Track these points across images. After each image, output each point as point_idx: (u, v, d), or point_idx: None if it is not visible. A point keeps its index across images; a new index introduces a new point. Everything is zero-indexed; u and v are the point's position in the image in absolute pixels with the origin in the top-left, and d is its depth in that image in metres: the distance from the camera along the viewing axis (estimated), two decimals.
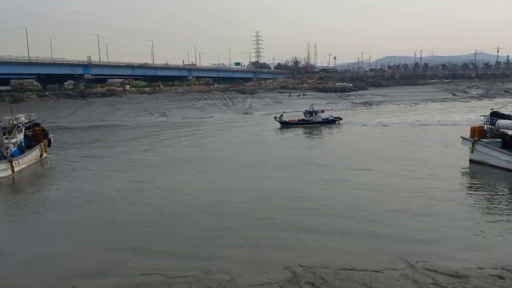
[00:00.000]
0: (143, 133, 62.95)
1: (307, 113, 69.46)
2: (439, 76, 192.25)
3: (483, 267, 17.28)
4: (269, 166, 38.18)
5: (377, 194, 27.68)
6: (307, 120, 68.43)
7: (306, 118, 68.79)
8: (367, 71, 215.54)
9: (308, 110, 70.08)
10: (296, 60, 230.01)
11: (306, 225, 22.59)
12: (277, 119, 68.05)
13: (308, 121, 68.11)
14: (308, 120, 68.43)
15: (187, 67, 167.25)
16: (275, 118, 68.44)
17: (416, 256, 18.31)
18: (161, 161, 41.35)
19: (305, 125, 67.00)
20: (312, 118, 68.36)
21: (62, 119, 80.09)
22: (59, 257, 19.49)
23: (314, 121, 67.96)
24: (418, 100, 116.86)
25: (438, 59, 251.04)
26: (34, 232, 23.17)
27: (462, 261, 17.86)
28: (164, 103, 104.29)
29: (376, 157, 40.35)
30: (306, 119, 68.77)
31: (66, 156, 45.17)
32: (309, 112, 69.53)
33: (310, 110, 69.85)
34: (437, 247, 19.37)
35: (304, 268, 17.54)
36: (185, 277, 17.10)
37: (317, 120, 68.31)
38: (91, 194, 29.79)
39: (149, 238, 21.46)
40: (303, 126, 66.43)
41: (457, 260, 17.92)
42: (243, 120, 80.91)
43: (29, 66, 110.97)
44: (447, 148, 44.36)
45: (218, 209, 25.63)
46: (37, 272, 17.99)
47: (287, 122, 68.07)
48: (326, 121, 68.65)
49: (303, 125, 67.11)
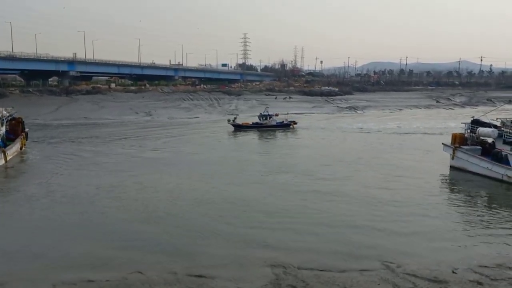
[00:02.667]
0: (127, 132, 62.39)
1: (262, 116, 68.83)
2: (424, 83, 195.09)
3: (461, 272, 17.58)
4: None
5: (353, 200, 27.75)
6: (261, 123, 67.78)
7: (260, 122, 68.17)
8: (353, 76, 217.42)
9: (263, 114, 69.47)
10: (283, 63, 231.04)
11: (286, 228, 22.65)
12: (230, 122, 66.94)
13: (262, 125, 67.43)
14: (262, 123, 67.78)
15: (173, 67, 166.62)
16: (228, 121, 67.39)
17: (395, 261, 18.54)
18: (137, 160, 41.10)
19: (258, 129, 66.30)
20: (266, 122, 67.75)
21: (45, 115, 78.93)
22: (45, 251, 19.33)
23: (268, 124, 67.34)
24: (403, 106, 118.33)
25: (423, 66, 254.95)
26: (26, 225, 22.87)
27: (441, 266, 18.12)
28: (149, 103, 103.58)
29: (348, 162, 40.72)
30: (260, 122, 68.12)
31: (45, 149, 44.95)
32: (263, 115, 68.87)
33: (264, 114, 69.22)
34: (417, 252, 19.64)
35: (285, 270, 17.61)
36: (164, 277, 17.06)
37: (271, 123, 67.59)
38: (73, 189, 29.64)
39: (127, 234, 21.37)
40: (257, 130, 65.74)
41: (436, 265, 18.18)
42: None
43: (13, 61, 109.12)
44: (427, 154, 44.88)
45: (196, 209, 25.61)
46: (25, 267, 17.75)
47: (240, 125, 67.03)
48: (280, 125, 67.95)
49: (256, 129, 66.37)
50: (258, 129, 65.88)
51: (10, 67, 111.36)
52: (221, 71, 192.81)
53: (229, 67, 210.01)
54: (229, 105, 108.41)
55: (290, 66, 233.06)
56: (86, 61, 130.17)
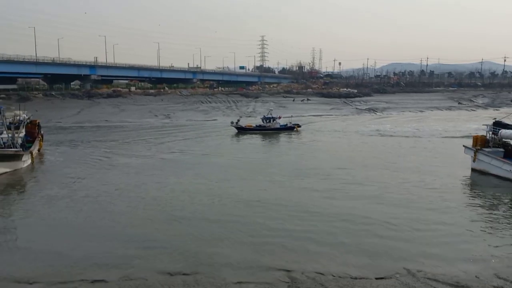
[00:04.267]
0: (146, 134, 63.15)
1: (265, 119, 68.25)
2: (445, 84, 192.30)
3: (484, 277, 17.26)
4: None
5: (372, 204, 27.43)
6: (264, 126, 67.27)
7: (264, 124, 67.66)
8: (372, 77, 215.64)
9: (266, 116, 68.89)
10: (301, 65, 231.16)
11: (304, 231, 22.57)
12: (233, 125, 66.56)
13: (265, 128, 66.87)
14: (265, 126, 67.22)
15: (192, 70, 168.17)
16: (232, 123, 67.11)
17: (416, 265, 18.30)
18: (156, 162, 41.58)
19: (262, 131, 65.78)
20: (269, 124, 67.19)
21: (67, 118, 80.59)
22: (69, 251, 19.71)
23: (271, 127, 66.79)
24: (424, 108, 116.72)
25: (444, 67, 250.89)
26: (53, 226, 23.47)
27: (463, 271, 17.82)
28: (168, 105, 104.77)
29: (364, 165, 40.35)
30: (263, 125, 67.60)
31: (66, 151, 45.75)
32: (267, 118, 68.27)
33: (268, 116, 68.64)
34: (437, 257, 19.32)
35: (304, 274, 17.56)
36: (185, 277, 17.24)
37: (275, 126, 67.07)
38: (94, 189, 30.25)
39: (147, 236, 21.67)
40: (260, 132, 65.25)
41: (458, 270, 17.88)
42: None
43: (36, 65, 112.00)
44: (448, 157, 44.13)
45: (214, 212, 25.82)
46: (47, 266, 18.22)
47: (244, 127, 66.62)
48: (284, 127, 67.31)
49: (260, 131, 65.85)
50: (262, 132, 65.53)
51: (34, 71, 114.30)
52: (239, 73, 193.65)
53: (247, 70, 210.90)
54: (246, 108, 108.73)
55: (308, 68, 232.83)
56: (107, 65, 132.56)
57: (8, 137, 39.41)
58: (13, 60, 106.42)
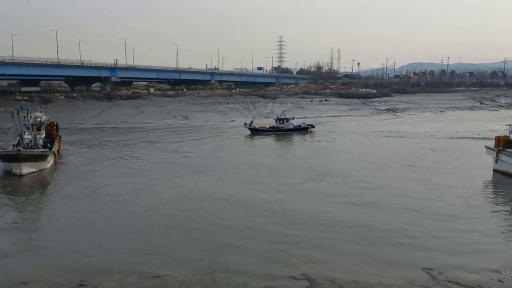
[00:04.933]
0: (164, 135, 63.74)
1: (279, 120, 67.87)
2: (467, 84, 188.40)
3: (508, 281, 16.88)
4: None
5: (393, 206, 27.10)
6: (278, 127, 66.87)
7: (277, 125, 67.24)
8: (392, 77, 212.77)
9: (280, 117, 68.62)
10: (319, 65, 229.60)
11: (324, 234, 22.46)
12: (247, 126, 66.29)
13: (279, 128, 66.48)
14: (279, 127, 66.82)
15: (210, 71, 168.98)
16: (245, 125, 66.87)
17: (437, 268, 18.02)
18: (174, 163, 41.96)
19: (275, 132, 65.35)
20: (283, 125, 66.78)
21: (88, 120, 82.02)
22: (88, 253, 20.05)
23: (285, 128, 66.37)
24: (444, 108, 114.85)
25: (466, 67, 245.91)
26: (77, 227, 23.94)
27: (486, 274, 17.48)
28: (187, 107, 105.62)
29: (383, 166, 39.82)
30: (277, 126, 67.22)
31: (86, 152, 46.60)
32: (280, 119, 67.94)
33: (281, 117, 68.35)
34: (459, 260, 18.98)
35: (323, 277, 17.44)
36: (203, 277, 17.34)
37: (288, 127, 66.63)
38: (114, 189, 30.76)
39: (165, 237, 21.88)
40: (274, 134, 64.87)
41: (481, 273, 17.53)
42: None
43: (58, 68, 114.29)
44: (470, 158, 43.37)
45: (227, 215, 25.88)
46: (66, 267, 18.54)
47: (257, 129, 66.36)
48: (297, 128, 66.90)
49: (273, 132, 65.45)
50: (275, 133, 65.15)
51: (56, 74, 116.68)
52: (257, 74, 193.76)
53: (265, 71, 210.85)
54: (264, 108, 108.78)
55: (326, 69, 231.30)
56: (126, 67, 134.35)
57: (32, 138, 40.46)
58: (36, 63, 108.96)
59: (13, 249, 20.91)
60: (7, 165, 36.87)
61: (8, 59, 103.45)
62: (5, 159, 36.97)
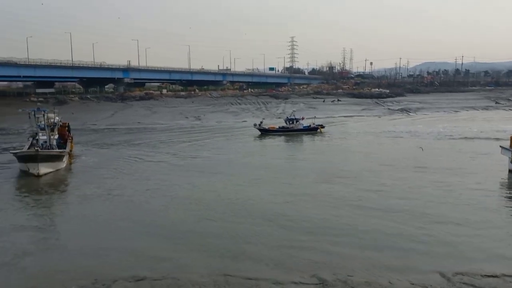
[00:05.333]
0: (177, 136, 64.08)
1: (288, 120, 67.42)
2: (481, 83, 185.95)
3: None
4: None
5: (408, 208, 26.81)
6: (287, 127, 66.40)
7: (287, 126, 66.78)
8: (405, 77, 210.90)
9: (289, 117, 68.11)
10: (331, 65, 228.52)
11: (336, 234, 22.42)
12: (256, 126, 65.97)
13: (289, 129, 65.99)
14: (288, 127, 66.34)
15: (222, 72, 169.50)
16: (255, 125, 66.59)
17: (452, 269, 17.84)
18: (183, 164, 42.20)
19: (285, 133, 64.97)
20: (292, 126, 66.28)
21: (102, 121, 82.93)
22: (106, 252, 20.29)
23: (294, 128, 65.91)
24: (459, 108, 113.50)
25: (481, 66, 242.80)
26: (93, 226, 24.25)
27: (503, 276, 17.24)
28: (199, 107, 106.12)
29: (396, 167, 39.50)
30: (286, 126, 66.76)
31: (99, 153, 47.12)
32: (290, 119, 67.45)
33: (291, 117, 67.85)
34: (476, 261, 18.78)
35: (334, 277, 17.39)
36: (216, 278, 17.42)
37: (298, 127, 66.05)
38: (129, 189, 31.23)
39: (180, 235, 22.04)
40: (284, 134, 64.49)
41: (496, 277, 17.28)
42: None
43: (73, 69, 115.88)
44: (484, 158, 42.78)
45: (244, 212, 25.93)
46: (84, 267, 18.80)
47: (267, 129, 65.94)
48: (307, 128, 66.30)
49: (283, 133, 65.07)
50: (285, 133, 64.92)
51: (70, 75, 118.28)
52: (269, 75, 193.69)
53: (277, 71, 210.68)
54: (276, 109, 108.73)
55: (339, 68, 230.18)
56: (139, 68, 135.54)
57: (47, 139, 41.10)
58: (51, 65, 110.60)
59: (30, 247, 21.25)
60: (24, 165, 37.42)
61: (24, 61, 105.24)
62: (22, 159, 37.55)
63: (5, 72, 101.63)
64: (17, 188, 33.75)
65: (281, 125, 68.10)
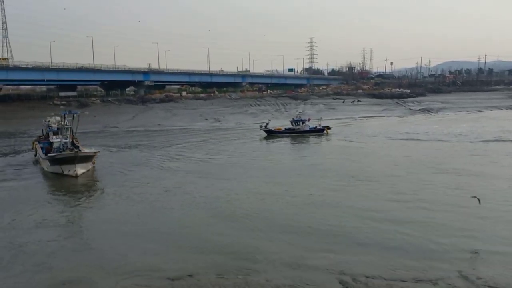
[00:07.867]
0: (196, 138, 64.43)
1: (294, 121, 67.01)
2: (505, 82, 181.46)
3: None
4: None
5: (427, 208, 26.49)
6: (294, 129, 65.89)
7: (293, 127, 66.35)
8: (426, 76, 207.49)
9: (295, 119, 67.73)
10: (351, 65, 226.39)
11: (357, 235, 22.20)
12: (262, 128, 65.73)
13: (295, 130, 65.52)
14: (294, 129, 65.86)
15: (241, 74, 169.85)
16: (260, 127, 66.39)
17: (475, 272, 17.53)
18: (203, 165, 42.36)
19: (291, 134, 64.45)
20: (299, 127, 65.78)
21: (123, 123, 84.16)
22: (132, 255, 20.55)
23: (301, 130, 65.35)
24: (482, 108, 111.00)
25: (504, 64, 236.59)
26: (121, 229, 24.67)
27: None
28: (218, 109, 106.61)
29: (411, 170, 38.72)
30: (293, 128, 66.31)
31: (120, 154, 47.56)
32: (296, 120, 67.05)
33: (297, 119, 67.46)
34: (498, 263, 18.35)
35: (355, 279, 17.23)
36: (235, 279, 17.44)
37: (304, 129, 65.50)
38: (150, 190, 31.61)
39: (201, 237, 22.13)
40: (290, 136, 63.96)
41: None
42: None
43: (94, 73, 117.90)
44: (507, 158, 41.96)
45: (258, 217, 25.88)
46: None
47: (273, 131, 65.55)
48: (313, 130, 65.62)
49: (289, 134, 64.56)
50: (291, 135, 64.44)
51: (92, 78, 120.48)
52: (288, 76, 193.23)
53: (296, 72, 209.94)
54: (295, 110, 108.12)
55: (359, 69, 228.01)
56: (159, 71, 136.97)
57: (68, 141, 41.94)
58: (73, 69, 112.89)
59: (58, 247, 21.84)
60: (58, 167, 38.62)
61: (47, 65, 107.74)
62: (58, 162, 38.71)
63: (30, 76, 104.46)
64: (57, 189, 34.90)
65: (287, 127, 67.86)
